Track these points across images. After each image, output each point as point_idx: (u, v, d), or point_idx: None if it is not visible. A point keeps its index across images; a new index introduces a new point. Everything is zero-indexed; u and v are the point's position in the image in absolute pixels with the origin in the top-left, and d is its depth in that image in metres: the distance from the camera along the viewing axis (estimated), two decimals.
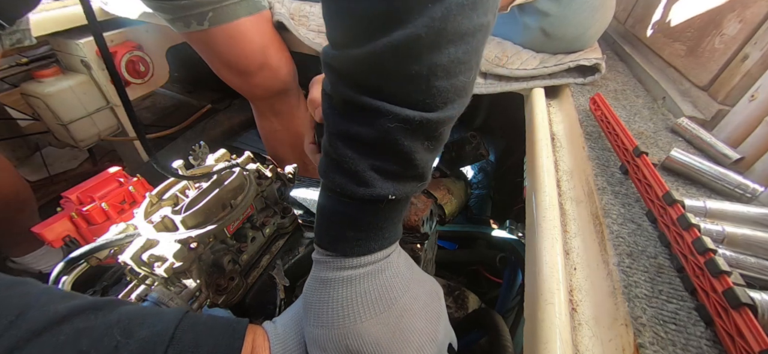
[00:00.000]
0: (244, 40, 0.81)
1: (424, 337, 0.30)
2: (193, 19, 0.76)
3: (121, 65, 1.02)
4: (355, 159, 0.27)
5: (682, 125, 0.51)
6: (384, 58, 0.24)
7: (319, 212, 0.32)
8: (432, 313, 0.32)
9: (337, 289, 0.30)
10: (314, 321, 0.30)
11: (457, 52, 0.25)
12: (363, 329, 0.29)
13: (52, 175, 1.24)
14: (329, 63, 0.28)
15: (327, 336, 0.29)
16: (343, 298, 0.29)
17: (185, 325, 0.28)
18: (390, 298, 0.30)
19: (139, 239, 0.44)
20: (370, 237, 0.30)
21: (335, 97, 0.28)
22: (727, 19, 0.55)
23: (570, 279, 0.35)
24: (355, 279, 0.30)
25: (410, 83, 0.25)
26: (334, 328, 0.29)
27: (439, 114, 0.27)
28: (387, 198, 0.28)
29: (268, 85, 0.92)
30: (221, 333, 0.29)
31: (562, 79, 0.66)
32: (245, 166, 0.59)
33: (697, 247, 0.31)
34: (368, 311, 0.29)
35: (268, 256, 0.57)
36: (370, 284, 0.30)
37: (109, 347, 0.25)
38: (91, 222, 0.70)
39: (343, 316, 0.29)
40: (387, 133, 0.26)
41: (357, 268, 0.30)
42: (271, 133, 1.06)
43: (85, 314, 0.26)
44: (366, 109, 0.26)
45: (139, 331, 0.26)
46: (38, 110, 1.01)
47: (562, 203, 0.43)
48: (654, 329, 0.29)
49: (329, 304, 0.29)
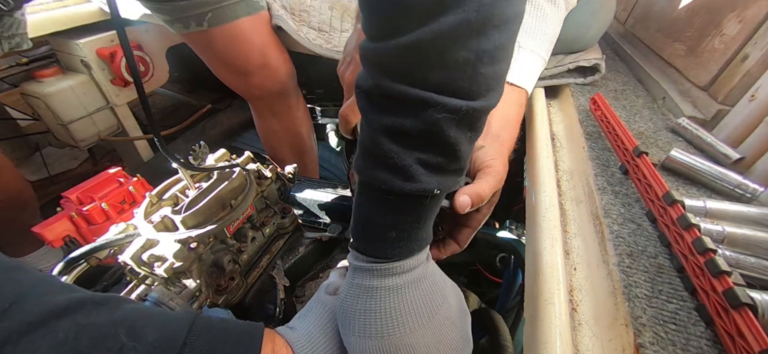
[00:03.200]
0: (243, 40, 0.81)
1: (462, 341, 0.32)
2: (193, 20, 0.76)
3: (121, 65, 1.02)
4: (401, 153, 0.27)
5: (682, 125, 0.51)
6: (432, 46, 0.24)
7: (358, 215, 0.31)
8: (464, 315, 0.34)
9: (385, 299, 0.29)
10: (361, 331, 0.29)
11: (501, 38, 0.25)
12: (414, 339, 0.29)
13: (52, 175, 1.24)
14: (370, 57, 0.27)
15: (378, 346, 0.29)
16: (391, 308, 0.29)
17: (197, 329, 0.26)
18: (433, 307, 0.30)
19: (139, 239, 0.44)
20: (411, 237, 0.30)
21: (376, 91, 0.27)
22: (727, 19, 0.55)
23: (570, 279, 0.35)
24: (402, 288, 0.30)
25: (457, 71, 0.25)
26: (385, 339, 0.29)
27: (482, 102, 0.27)
28: (432, 193, 0.28)
29: (267, 86, 0.92)
30: (237, 340, 0.28)
31: (562, 80, 0.66)
32: (245, 166, 0.59)
33: (697, 247, 0.31)
34: (416, 321, 0.29)
35: (268, 256, 0.57)
36: (415, 293, 0.30)
37: (113, 350, 0.23)
38: (91, 222, 0.70)
39: (394, 327, 0.29)
40: (434, 124, 0.26)
41: (401, 275, 0.30)
42: (270, 133, 1.07)
43: (86, 309, 0.24)
44: (412, 101, 0.26)
45: (147, 334, 0.24)
46: (38, 110, 1.01)
47: (562, 203, 0.43)
48: (654, 329, 0.29)
49: (378, 314, 0.29)
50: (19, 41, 0.72)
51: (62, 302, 0.23)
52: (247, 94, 0.97)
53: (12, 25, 0.70)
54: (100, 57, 1.01)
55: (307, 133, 1.11)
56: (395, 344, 0.28)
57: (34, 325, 0.21)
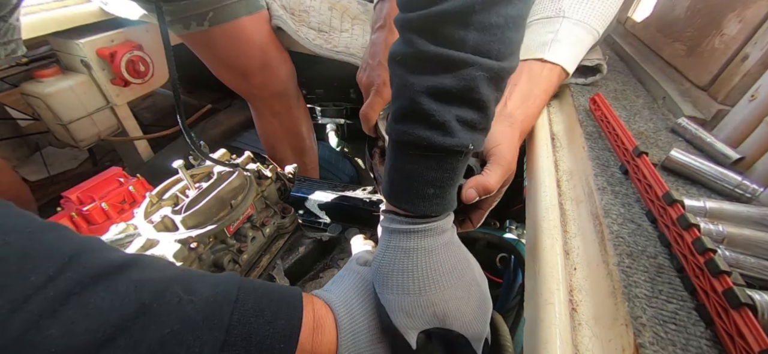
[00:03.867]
0: (244, 40, 0.81)
1: (484, 300, 0.35)
2: (193, 20, 0.76)
3: (121, 65, 1.02)
4: (441, 110, 0.30)
5: (682, 125, 0.51)
6: (471, 10, 0.28)
7: (394, 177, 0.34)
8: (483, 279, 0.37)
9: (421, 260, 0.32)
10: (399, 289, 0.31)
11: (523, 8, 0.30)
12: (447, 296, 0.32)
13: (52, 175, 1.24)
14: (413, 24, 0.30)
15: (415, 302, 0.31)
16: (427, 268, 0.32)
17: (245, 289, 0.28)
18: (461, 269, 0.34)
19: (139, 239, 0.44)
20: (445, 195, 0.33)
21: (418, 56, 0.30)
22: (727, 19, 0.55)
23: (570, 279, 0.35)
24: (436, 250, 0.33)
25: (490, 33, 0.29)
26: (421, 295, 0.31)
27: (508, 63, 0.30)
28: (467, 148, 0.31)
29: (269, 86, 0.92)
30: (279, 300, 0.29)
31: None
32: (245, 166, 0.59)
33: (697, 247, 0.31)
34: (448, 280, 0.32)
35: (268, 256, 0.57)
36: (447, 255, 0.33)
37: (172, 303, 0.24)
38: (91, 222, 0.70)
39: (430, 284, 0.31)
40: (472, 81, 0.29)
41: (435, 238, 0.33)
42: (269, 133, 1.07)
43: (140, 266, 0.25)
44: (454, 61, 0.29)
45: (201, 290, 0.25)
46: (38, 110, 1.01)
47: (562, 203, 0.43)
48: (654, 329, 0.29)
49: (415, 273, 0.31)
50: (15, 47, 0.71)
51: (117, 259, 0.24)
52: (248, 94, 0.96)
53: (7, 31, 0.69)
54: (100, 57, 1.01)
55: (307, 132, 1.11)
56: (431, 300, 0.31)
57: (96, 278, 0.22)
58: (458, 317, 0.32)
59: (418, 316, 0.31)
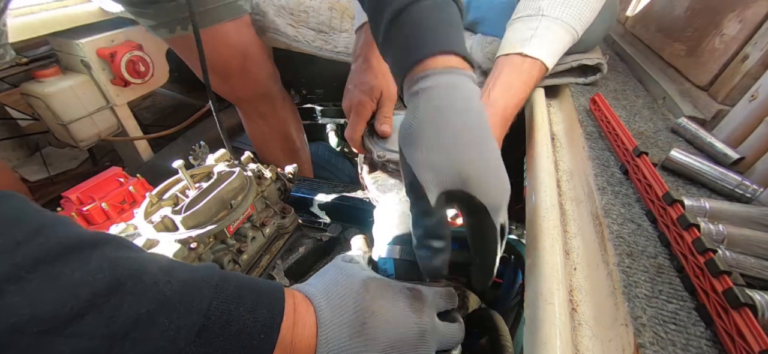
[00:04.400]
0: (225, 44, 0.83)
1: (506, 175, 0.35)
2: (178, 24, 0.77)
3: (121, 65, 1.02)
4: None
5: (682, 125, 0.51)
6: None
7: (423, 30, 0.35)
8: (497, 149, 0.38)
9: (452, 117, 0.33)
10: (427, 146, 0.32)
11: None
12: (474, 157, 0.32)
13: (52, 175, 1.24)
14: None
15: (442, 160, 0.32)
16: (458, 126, 0.32)
17: (225, 277, 0.27)
18: (486, 133, 0.34)
19: (139, 239, 0.44)
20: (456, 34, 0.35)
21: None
22: (727, 19, 0.55)
23: (570, 279, 0.35)
24: (465, 111, 0.33)
25: None
26: (450, 153, 0.32)
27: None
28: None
29: (250, 87, 0.94)
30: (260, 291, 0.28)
31: (562, 79, 0.66)
32: (245, 166, 0.59)
33: (697, 247, 0.31)
34: (476, 140, 0.33)
35: (268, 256, 0.57)
36: (475, 117, 0.34)
37: (148, 282, 0.22)
38: (91, 222, 0.70)
39: (459, 143, 0.32)
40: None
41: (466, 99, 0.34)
42: (260, 136, 1.08)
43: (115, 244, 0.24)
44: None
45: (179, 273, 0.24)
46: (38, 110, 1.01)
47: (562, 203, 0.43)
48: (654, 329, 0.29)
49: (446, 130, 0.32)
50: (2, 53, 0.69)
51: (89, 235, 0.23)
52: (231, 95, 0.98)
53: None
54: (100, 57, 1.01)
55: (297, 133, 1.11)
56: (457, 159, 0.32)
57: (69, 249, 0.21)
58: (483, 182, 0.32)
59: (445, 172, 0.31)
